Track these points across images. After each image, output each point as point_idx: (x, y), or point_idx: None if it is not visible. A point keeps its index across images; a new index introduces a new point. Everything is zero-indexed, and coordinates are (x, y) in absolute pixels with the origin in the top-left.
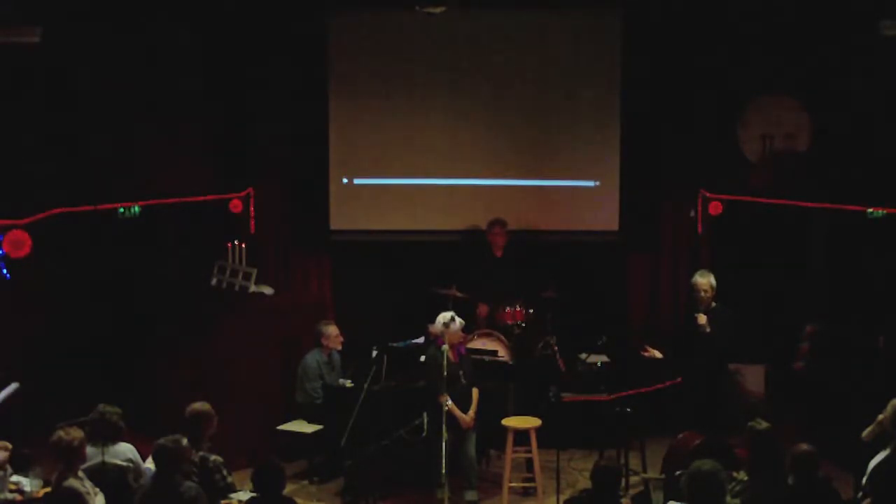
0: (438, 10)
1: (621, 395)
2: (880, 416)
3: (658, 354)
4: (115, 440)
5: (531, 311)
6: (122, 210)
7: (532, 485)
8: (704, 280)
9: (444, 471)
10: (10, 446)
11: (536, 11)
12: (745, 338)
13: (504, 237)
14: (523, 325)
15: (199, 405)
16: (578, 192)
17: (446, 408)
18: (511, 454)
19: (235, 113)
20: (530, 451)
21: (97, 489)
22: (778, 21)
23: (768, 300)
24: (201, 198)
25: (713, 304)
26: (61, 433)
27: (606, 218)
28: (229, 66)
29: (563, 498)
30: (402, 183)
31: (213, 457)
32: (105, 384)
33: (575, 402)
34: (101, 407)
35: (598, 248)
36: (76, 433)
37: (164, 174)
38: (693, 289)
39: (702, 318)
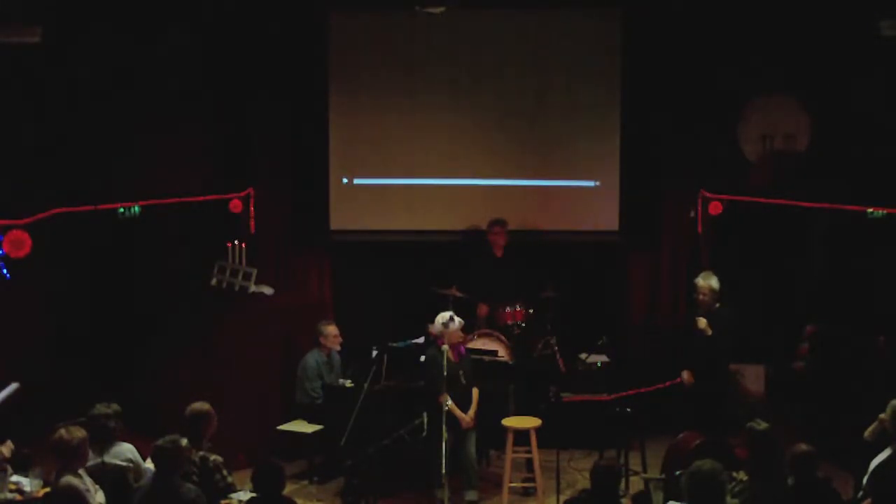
0: (438, 10)
1: (621, 395)
2: (882, 416)
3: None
4: (113, 441)
5: (531, 311)
6: (122, 210)
7: (532, 485)
8: (705, 283)
9: (444, 471)
10: (12, 445)
11: (537, 11)
12: (745, 338)
13: (504, 237)
14: (523, 325)
15: (199, 405)
16: (578, 192)
17: (446, 408)
18: (511, 454)
19: (235, 113)
20: (530, 451)
21: (97, 486)
22: (778, 21)
23: (768, 300)
24: (201, 198)
25: (717, 305)
26: (62, 432)
27: (606, 218)
28: (229, 66)
29: (563, 498)
30: (403, 183)
31: (213, 457)
32: (105, 384)
33: (575, 402)
34: (98, 408)
35: (598, 248)
36: (78, 433)
37: (164, 174)
38: (694, 290)
39: (701, 322)
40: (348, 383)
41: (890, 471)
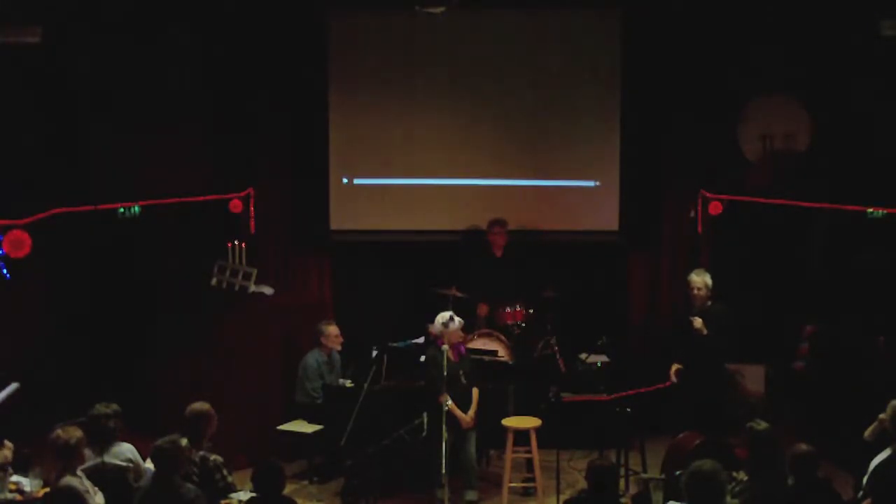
0: (439, 10)
1: (621, 395)
2: (882, 416)
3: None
4: (113, 441)
5: (531, 311)
6: (122, 210)
7: (532, 485)
8: (699, 278)
9: (444, 471)
10: (12, 446)
11: (536, 11)
12: (745, 338)
13: (504, 237)
14: (523, 325)
15: (199, 405)
16: (578, 192)
17: (446, 408)
18: (511, 454)
19: (235, 113)
20: (530, 451)
21: (97, 488)
22: (778, 21)
23: (768, 300)
24: (201, 198)
25: (709, 303)
26: (60, 432)
27: (606, 218)
28: (229, 66)
29: (563, 498)
30: (403, 183)
31: (213, 457)
32: (105, 384)
33: (575, 402)
34: (97, 408)
35: (598, 248)
36: (75, 432)
37: (164, 174)
38: (687, 286)
39: (697, 322)
40: (348, 383)
41: (890, 471)
